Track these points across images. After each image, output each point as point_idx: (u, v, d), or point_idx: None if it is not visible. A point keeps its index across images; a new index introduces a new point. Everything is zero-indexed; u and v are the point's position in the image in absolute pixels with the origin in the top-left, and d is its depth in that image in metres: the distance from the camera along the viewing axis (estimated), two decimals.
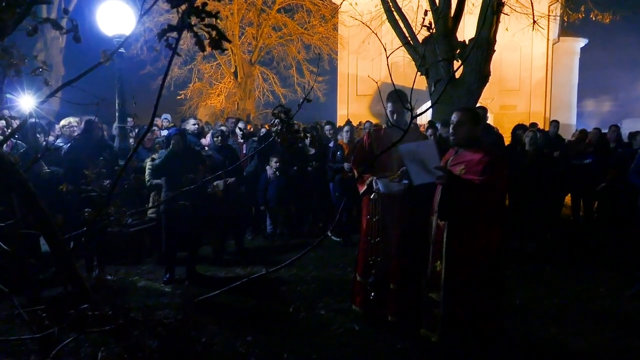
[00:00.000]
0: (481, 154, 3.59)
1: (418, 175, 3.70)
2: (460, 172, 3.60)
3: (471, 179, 3.52)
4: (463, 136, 3.71)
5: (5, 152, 2.51)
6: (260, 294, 5.16)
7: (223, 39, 1.30)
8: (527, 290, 5.37)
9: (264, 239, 8.02)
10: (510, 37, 12.13)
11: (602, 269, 6.16)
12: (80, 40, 1.69)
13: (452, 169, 3.66)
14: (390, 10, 8.91)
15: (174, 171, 5.42)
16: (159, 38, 1.28)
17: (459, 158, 3.72)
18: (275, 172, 7.67)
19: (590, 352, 4.00)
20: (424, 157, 3.58)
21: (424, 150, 3.61)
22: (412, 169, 3.71)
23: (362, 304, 4.48)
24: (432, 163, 3.54)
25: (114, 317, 2.26)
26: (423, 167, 3.61)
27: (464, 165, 3.63)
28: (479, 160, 3.55)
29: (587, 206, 8.79)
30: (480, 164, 3.53)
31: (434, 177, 3.56)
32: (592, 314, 4.76)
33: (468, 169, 3.58)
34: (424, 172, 3.63)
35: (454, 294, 3.65)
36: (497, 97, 18.50)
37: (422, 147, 3.65)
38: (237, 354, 3.92)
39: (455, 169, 3.65)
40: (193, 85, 19.80)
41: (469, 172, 3.56)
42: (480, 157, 3.56)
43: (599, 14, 11.38)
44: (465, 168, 3.61)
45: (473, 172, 3.54)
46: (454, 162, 3.73)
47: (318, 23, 18.77)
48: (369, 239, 4.37)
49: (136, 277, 5.95)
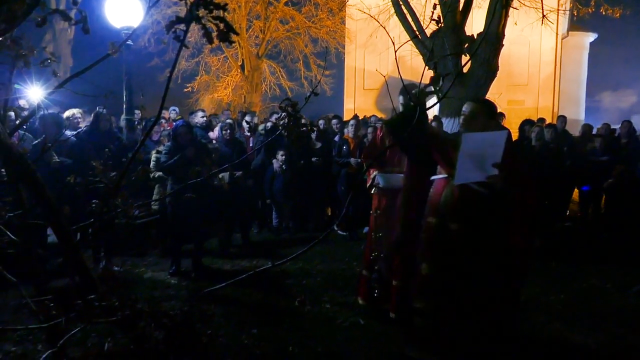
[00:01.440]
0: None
1: (464, 173, 3.12)
2: None
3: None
4: (476, 130, 3.30)
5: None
6: (265, 287, 5.18)
7: (231, 31, 1.30)
8: (532, 286, 5.34)
9: (269, 233, 8.04)
10: (519, 31, 12.05)
11: (608, 265, 6.13)
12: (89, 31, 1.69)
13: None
14: (398, 4, 8.85)
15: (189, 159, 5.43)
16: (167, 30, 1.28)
17: None
18: (281, 165, 7.67)
19: (596, 348, 3.98)
20: (487, 150, 3.06)
21: (492, 142, 3.10)
22: (462, 164, 3.08)
23: (366, 298, 4.48)
24: (491, 159, 3.05)
25: (121, 308, 2.27)
26: (478, 162, 3.07)
27: None
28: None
29: (595, 202, 8.74)
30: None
31: (485, 176, 3.08)
32: (598, 311, 4.74)
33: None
34: (475, 169, 3.09)
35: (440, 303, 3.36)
36: (504, 92, 18.35)
37: (492, 138, 3.11)
38: (243, 346, 3.94)
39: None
40: (200, 78, 19.81)
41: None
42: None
43: (609, 8, 11.27)
44: None
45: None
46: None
47: (325, 16, 18.70)
48: (373, 233, 4.37)
49: (142, 269, 5.99)
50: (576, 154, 8.33)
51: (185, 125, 5.76)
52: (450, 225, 3.35)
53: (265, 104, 20.37)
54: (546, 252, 6.70)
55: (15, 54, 2.15)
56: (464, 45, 8.30)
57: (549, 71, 19.71)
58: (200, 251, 5.99)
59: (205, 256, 6.22)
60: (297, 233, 7.94)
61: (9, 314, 4.44)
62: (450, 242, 3.33)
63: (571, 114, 16.74)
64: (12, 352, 3.79)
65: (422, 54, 8.67)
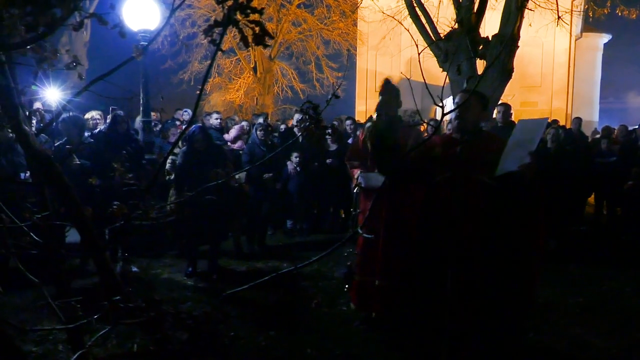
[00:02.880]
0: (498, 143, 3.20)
1: (506, 163, 3.02)
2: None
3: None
4: (471, 121, 3.29)
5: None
6: (282, 289, 5.18)
7: (266, 34, 1.31)
8: (550, 289, 5.30)
9: (284, 234, 8.05)
10: (533, 33, 11.95)
11: (627, 268, 6.07)
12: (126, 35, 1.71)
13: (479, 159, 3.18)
14: (412, 6, 8.84)
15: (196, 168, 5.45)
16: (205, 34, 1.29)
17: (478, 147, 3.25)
18: (295, 167, 7.69)
19: (617, 352, 3.94)
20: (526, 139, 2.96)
21: (533, 129, 3.02)
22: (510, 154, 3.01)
23: (356, 301, 4.40)
24: (526, 148, 2.94)
25: (146, 310, 2.29)
26: (519, 151, 2.96)
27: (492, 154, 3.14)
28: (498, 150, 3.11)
29: (611, 205, 8.65)
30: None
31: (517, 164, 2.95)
32: (618, 314, 4.70)
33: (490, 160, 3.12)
34: (512, 159, 2.98)
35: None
36: (518, 93, 18.19)
37: (534, 125, 3.05)
38: (261, 348, 3.95)
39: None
40: (213, 80, 19.90)
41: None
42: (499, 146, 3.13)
43: (625, 9, 11.17)
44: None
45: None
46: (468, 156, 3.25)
47: (338, 19, 18.71)
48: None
49: (159, 270, 6.02)
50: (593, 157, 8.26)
51: (201, 131, 5.73)
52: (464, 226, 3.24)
53: (277, 106, 20.43)
54: (564, 255, 6.65)
55: (40, 56, 2.18)
56: (479, 47, 8.26)
57: (562, 73, 19.54)
58: (216, 252, 6.01)
59: (221, 257, 6.23)
60: (311, 235, 7.94)
61: (28, 314, 4.48)
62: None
63: (585, 116, 16.57)
64: (34, 352, 3.82)
65: (436, 56, 8.64)
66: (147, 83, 6.67)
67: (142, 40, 6.16)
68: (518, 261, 3.23)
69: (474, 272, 3.23)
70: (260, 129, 7.09)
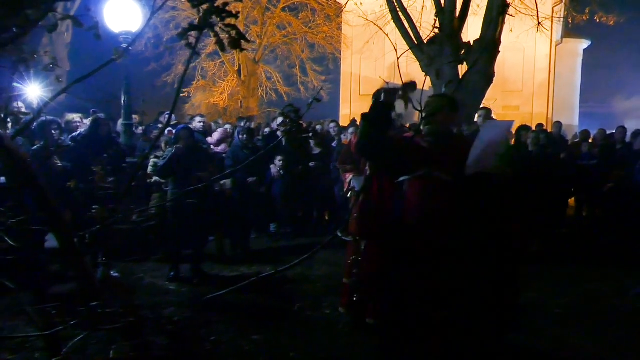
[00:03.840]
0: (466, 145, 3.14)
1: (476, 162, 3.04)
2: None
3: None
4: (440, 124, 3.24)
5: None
6: (265, 293, 5.15)
7: (242, 38, 1.30)
8: (531, 291, 5.35)
9: (268, 238, 8.02)
10: (514, 38, 12.12)
11: (606, 269, 6.16)
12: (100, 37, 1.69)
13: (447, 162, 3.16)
14: (395, 11, 8.89)
15: (182, 168, 5.42)
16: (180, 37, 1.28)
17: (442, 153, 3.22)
18: (279, 170, 7.67)
19: (596, 352, 3.99)
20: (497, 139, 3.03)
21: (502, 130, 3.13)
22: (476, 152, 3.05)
23: (347, 306, 4.39)
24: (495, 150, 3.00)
25: (125, 315, 2.26)
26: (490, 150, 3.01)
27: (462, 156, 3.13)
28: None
29: (591, 207, 8.78)
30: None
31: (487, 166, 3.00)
32: (597, 314, 4.77)
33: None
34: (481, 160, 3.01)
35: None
36: (500, 98, 18.43)
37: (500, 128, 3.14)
38: (244, 352, 3.92)
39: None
40: (197, 83, 19.79)
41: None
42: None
43: (604, 15, 11.37)
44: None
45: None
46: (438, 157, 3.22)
47: (322, 22, 18.74)
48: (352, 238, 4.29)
49: (141, 275, 5.96)
50: (572, 160, 8.38)
51: (186, 129, 5.75)
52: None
53: (261, 109, 20.38)
54: (544, 257, 6.72)
55: (17, 58, 2.15)
56: (461, 51, 8.34)
57: (543, 77, 19.82)
58: (199, 257, 5.97)
59: (204, 262, 6.19)
60: (296, 238, 7.93)
61: (5, 321, 4.39)
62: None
63: (565, 120, 16.79)
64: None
65: (419, 61, 8.70)
66: (129, 86, 6.60)
67: (124, 42, 6.10)
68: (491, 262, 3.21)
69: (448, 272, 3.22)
70: (243, 133, 7.07)
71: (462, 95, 7.98)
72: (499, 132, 3.09)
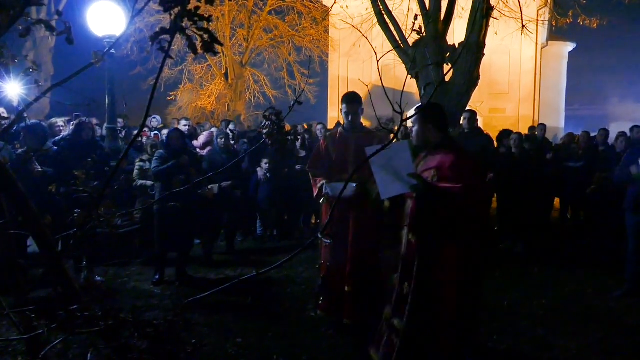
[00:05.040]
0: (452, 156, 3.19)
1: (387, 188, 3.18)
2: (432, 179, 3.17)
3: (449, 187, 3.08)
4: (420, 138, 3.34)
5: None
6: (250, 296, 5.16)
7: (215, 42, 1.32)
8: (515, 292, 5.42)
9: (254, 241, 8.02)
10: (500, 41, 12.24)
11: (589, 271, 6.24)
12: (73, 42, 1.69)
13: (422, 175, 3.19)
14: (380, 14, 8.93)
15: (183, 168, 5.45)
16: (151, 41, 1.29)
17: (428, 163, 3.29)
18: (265, 173, 7.68)
19: (578, 352, 4.05)
20: (397, 162, 3.10)
21: (397, 154, 3.12)
22: (380, 180, 3.19)
23: (323, 308, 4.41)
24: (404, 170, 3.10)
25: (104, 318, 2.25)
26: (394, 175, 3.13)
27: (434, 170, 3.20)
28: (451, 164, 3.15)
29: (575, 209, 8.88)
30: (452, 168, 3.14)
31: (406, 187, 3.09)
32: (579, 315, 4.83)
33: (440, 175, 3.17)
34: (394, 182, 3.13)
35: (418, 323, 3.22)
36: (486, 100, 18.64)
37: (396, 150, 3.13)
38: (227, 355, 3.93)
39: (426, 175, 3.20)
40: (183, 86, 19.73)
41: (441, 177, 3.15)
42: (452, 160, 3.16)
43: (587, 18, 11.51)
44: (436, 174, 3.18)
45: (445, 178, 3.13)
46: (423, 168, 3.29)
47: (309, 25, 18.77)
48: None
49: (125, 279, 5.93)
50: (558, 161, 8.46)
51: (177, 130, 5.80)
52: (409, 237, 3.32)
53: (249, 112, 20.35)
54: (528, 259, 6.80)
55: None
56: (446, 54, 8.40)
57: (529, 80, 20.03)
58: (184, 260, 5.95)
59: (189, 265, 6.18)
60: (282, 241, 7.94)
61: None
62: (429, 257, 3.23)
63: (551, 122, 17.01)
64: None
65: (404, 63, 8.75)
66: (113, 89, 6.57)
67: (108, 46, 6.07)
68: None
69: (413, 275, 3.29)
70: (221, 137, 7.07)
71: (446, 98, 8.05)
72: (399, 154, 3.14)
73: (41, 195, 4.57)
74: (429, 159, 3.30)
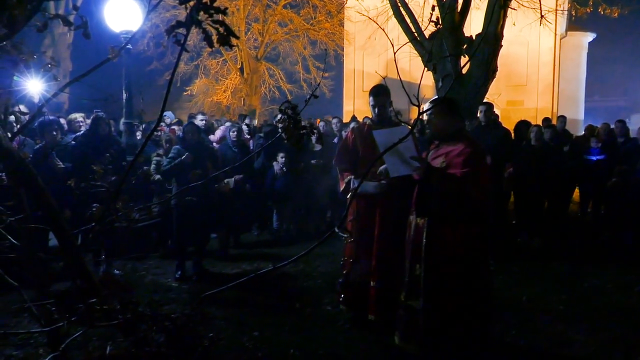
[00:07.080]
0: (462, 145, 3.42)
1: (394, 167, 3.53)
2: (441, 165, 3.43)
3: (452, 172, 3.35)
4: (437, 128, 3.61)
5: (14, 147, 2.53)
6: (266, 290, 5.17)
7: (231, 35, 1.31)
8: (533, 287, 5.35)
9: (270, 235, 8.04)
10: (518, 31, 12.07)
11: (609, 266, 6.13)
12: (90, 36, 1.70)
13: (433, 162, 3.49)
14: (396, 6, 8.87)
15: (187, 165, 5.47)
16: (167, 34, 1.28)
17: (439, 151, 3.56)
18: (282, 167, 7.68)
19: (598, 348, 3.98)
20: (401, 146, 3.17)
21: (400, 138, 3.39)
22: (389, 160, 3.55)
23: (347, 303, 4.40)
24: (408, 153, 3.39)
25: (123, 312, 2.28)
26: (400, 157, 3.43)
27: (444, 157, 3.45)
28: (459, 152, 3.39)
29: (595, 202, 8.73)
30: (461, 155, 3.37)
31: (411, 168, 3.42)
32: (599, 311, 4.74)
33: (448, 162, 3.41)
34: (400, 164, 3.46)
35: (435, 300, 3.41)
36: (504, 92, 18.39)
37: (397, 134, 3.30)
38: (244, 349, 3.94)
39: (436, 162, 3.47)
40: (199, 81, 19.82)
41: (450, 164, 3.39)
42: (461, 148, 3.39)
43: (607, 8, 11.27)
44: (445, 161, 3.43)
45: (454, 165, 3.37)
46: (434, 155, 3.57)
47: (324, 19, 18.70)
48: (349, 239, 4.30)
49: (143, 272, 5.99)
50: (577, 154, 8.31)
51: (192, 124, 5.84)
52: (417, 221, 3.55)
53: (264, 106, 20.39)
54: (547, 253, 6.71)
55: (16, 58, 2.16)
56: (463, 46, 8.31)
57: (547, 71, 19.74)
58: (201, 254, 5.99)
59: (206, 259, 6.21)
60: (298, 235, 7.94)
61: (10, 318, 4.44)
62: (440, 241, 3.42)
63: (570, 114, 16.73)
64: (14, 356, 3.79)
65: (420, 56, 8.68)
66: (130, 84, 6.61)
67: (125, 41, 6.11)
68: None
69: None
70: (233, 131, 7.09)
71: (464, 90, 7.97)
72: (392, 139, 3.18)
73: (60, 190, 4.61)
74: (441, 148, 3.55)
